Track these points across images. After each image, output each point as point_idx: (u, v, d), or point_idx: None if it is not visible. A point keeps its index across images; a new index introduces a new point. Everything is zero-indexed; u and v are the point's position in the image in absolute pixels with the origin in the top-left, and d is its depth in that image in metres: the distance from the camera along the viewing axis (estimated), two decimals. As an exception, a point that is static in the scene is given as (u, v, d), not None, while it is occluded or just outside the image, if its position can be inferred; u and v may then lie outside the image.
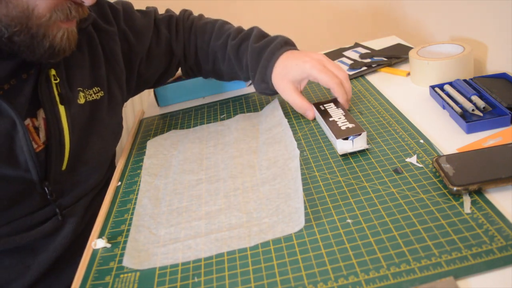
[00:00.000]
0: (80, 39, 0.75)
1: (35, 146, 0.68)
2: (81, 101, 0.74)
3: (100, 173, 0.80)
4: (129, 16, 0.86)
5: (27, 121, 0.68)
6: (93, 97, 0.77)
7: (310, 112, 0.80)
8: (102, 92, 0.78)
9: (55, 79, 0.70)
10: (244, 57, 0.85)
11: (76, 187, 0.75)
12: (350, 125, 0.71)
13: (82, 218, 0.75)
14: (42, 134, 0.69)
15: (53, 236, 0.73)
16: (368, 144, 0.69)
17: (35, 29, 0.61)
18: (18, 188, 0.67)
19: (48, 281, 0.73)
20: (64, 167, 0.71)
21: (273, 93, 0.85)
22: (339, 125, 0.72)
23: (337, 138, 0.68)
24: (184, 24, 0.92)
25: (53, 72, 0.70)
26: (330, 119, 0.74)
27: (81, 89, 0.75)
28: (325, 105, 0.80)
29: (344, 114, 0.75)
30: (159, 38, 0.89)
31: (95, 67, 0.78)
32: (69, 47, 0.66)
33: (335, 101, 0.80)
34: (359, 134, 0.68)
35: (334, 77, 0.77)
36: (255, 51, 0.83)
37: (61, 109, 0.70)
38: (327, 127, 0.73)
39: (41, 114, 0.69)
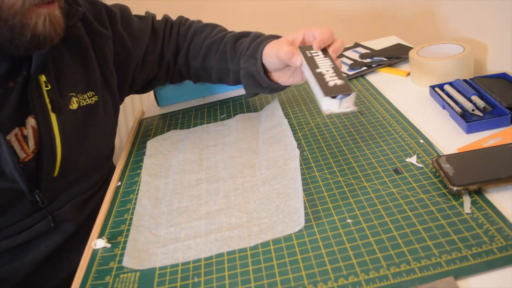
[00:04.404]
0: (69, 40, 0.72)
1: (23, 155, 0.66)
2: (74, 106, 0.72)
3: (93, 176, 0.78)
4: (126, 20, 0.84)
5: (16, 131, 0.66)
6: (87, 101, 0.75)
7: (298, 57, 0.69)
8: (97, 96, 0.76)
9: (46, 86, 0.67)
10: (242, 44, 0.81)
11: (67, 191, 0.74)
12: (339, 82, 0.62)
13: (75, 218, 0.75)
14: (31, 142, 0.67)
15: (45, 237, 0.72)
16: (356, 105, 0.63)
17: (11, 20, 0.58)
18: (6, 198, 0.66)
19: (40, 277, 0.72)
20: (56, 173, 0.70)
21: (258, 75, 0.77)
22: (327, 79, 0.63)
23: (325, 95, 0.60)
24: (180, 27, 0.90)
25: (43, 78, 0.67)
26: (317, 70, 0.66)
27: (74, 94, 0.73)
28: (312, 52, 0.70)
29: (332, 66, 0.66)
30: (156, 43, 0.87)
31: (89, 70, 0.76)
32: (56, 34, 0.62)
33: (323, 49, 0.71)
34: (348, 94, 0.60)
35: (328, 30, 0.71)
36: (257, 36, 0.80)
37: (53, 116, 0.68)
38: (314, 79, 0.64)
39: (29, 122, 0.67)
